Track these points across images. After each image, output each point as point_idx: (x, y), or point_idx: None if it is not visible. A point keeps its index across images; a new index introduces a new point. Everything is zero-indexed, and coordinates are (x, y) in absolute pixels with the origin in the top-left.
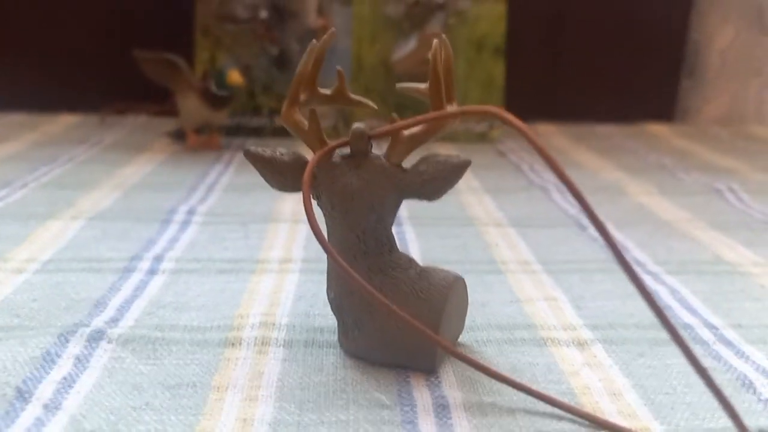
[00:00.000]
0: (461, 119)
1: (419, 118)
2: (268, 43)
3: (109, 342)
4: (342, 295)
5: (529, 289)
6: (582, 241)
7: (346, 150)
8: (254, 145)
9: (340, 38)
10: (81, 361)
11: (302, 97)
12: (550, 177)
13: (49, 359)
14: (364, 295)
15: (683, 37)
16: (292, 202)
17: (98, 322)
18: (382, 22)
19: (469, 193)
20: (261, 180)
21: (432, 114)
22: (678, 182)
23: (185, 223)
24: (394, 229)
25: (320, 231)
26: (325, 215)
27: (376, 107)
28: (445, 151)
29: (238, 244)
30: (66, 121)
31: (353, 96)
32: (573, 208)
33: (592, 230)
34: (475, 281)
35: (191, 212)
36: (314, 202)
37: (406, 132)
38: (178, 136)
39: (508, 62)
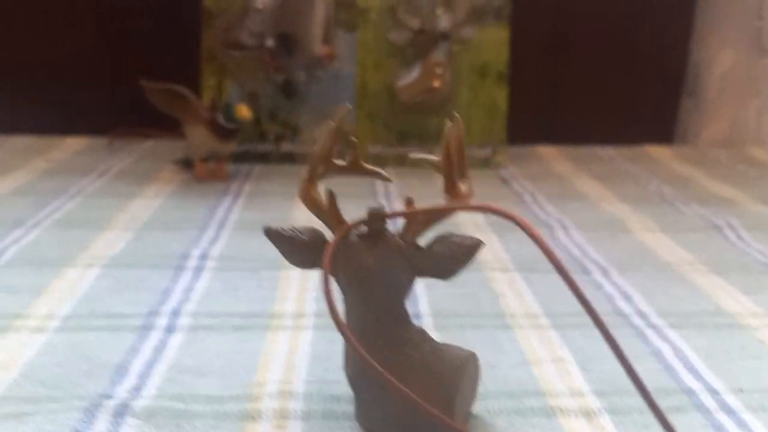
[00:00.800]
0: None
1: (435, 208)
2: (274, 71)
3: (133, 417)
4: (360, 374)
5: (537, 347)
6: (586, 289)
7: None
8: (273, 224)
9: (345, 64)
10: None
11: (319, 170)
12: (552, 211)
13: None
14: (377, 369)
15: (683, 60)
16: None
17: (121, 391)
18: (386, 49)
19: (475, 230)
20: (271, 217)
21: (446, 206)
22: (678, 216)
23: (198, 270)
24: None
25: (339, 317)
26: (342, 291)
27: (391, 180)
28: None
29: (251, 294)
30: (73, 145)
31: (368, 166)
32: (576, 249)
33: (595, 275)
34: (485, 338)
35: (204, 257)
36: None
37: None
38: (186, 164)
39: (511, 86)
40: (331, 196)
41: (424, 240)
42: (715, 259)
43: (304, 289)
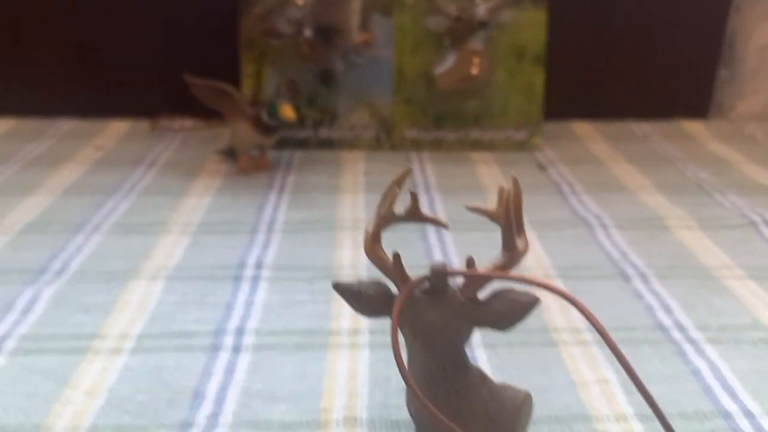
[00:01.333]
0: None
1: (493, 272)
2: (312, 62)
3: None
4: (423, 413)
5: (583, 367)
6: (627, 300)
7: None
8: (342, 281)
9: (382, 49)
10: None
11: (383, 226)
12: (591, 205)
13: None
14: (445, 415)
15: (721, 32)
16: (349, 251)
17: (200, 418)
18: (423, 34)
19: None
20: (314, 216)
21: (505, 274)
22: (716, 209)
23: (255, 281)
24: None
25: (406, 371)
26: (406, 342)
27: (448, 227)
28: (484, 160)
29: (308, 309)
30: (117, 129)
31: (426, 215)
32: (616, 251)
33: (635, 282)
34: (532, 359)
35: (258, 266)
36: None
37: (483, 271)
38: (229, 154)
39: (547, 63)
40: (397, 256)
41: (483, 294)
42: (752, 262)
43: None
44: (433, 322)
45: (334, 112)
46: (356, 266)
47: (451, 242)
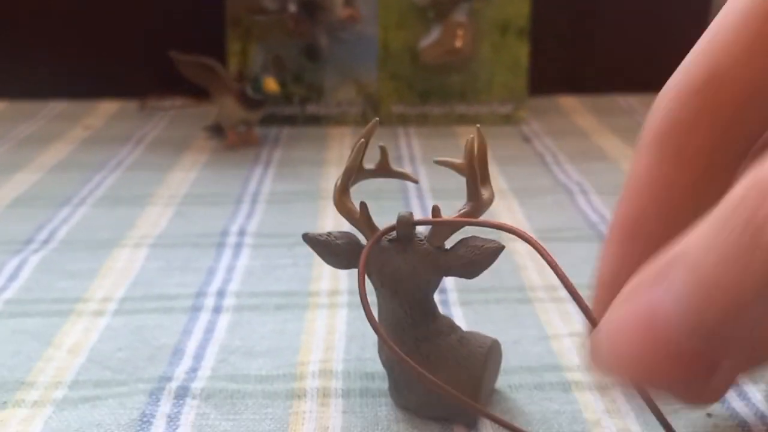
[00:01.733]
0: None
1: (458, 220)
2: (297, 37)
3: (193, 398)
4: (394, 360)
5: (557, 322)
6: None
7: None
8: (310, 232)
9: (367, 25)
10: (173, 420)
11: (351, 179)
12: (573, 173)
13: (146, 421)
14: (414, 361)
15: (707, 5)
16: (332, 220)
17: (179, 373)
18: (407, 8)
19: (499, 197)
20: (299, 188)
21: (467, 220)
22: None
23: (238, 247)
24: None
25: (372, 316)
26: (375, 290)
27: (417, 181)
28: (469, 133)
29: (289, 272)
30: (106, 109)
31: (396, 169)
32: (595, 215)
33: None
34: (508, 313)
35: (242, 233)
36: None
37: (447, 218)
38: (216, 130)
39: (532, 38)
40: (363, 206)
41: (449, 242)
42: None
43: None
44: (400, 269)
45: (321, 89)
46: None
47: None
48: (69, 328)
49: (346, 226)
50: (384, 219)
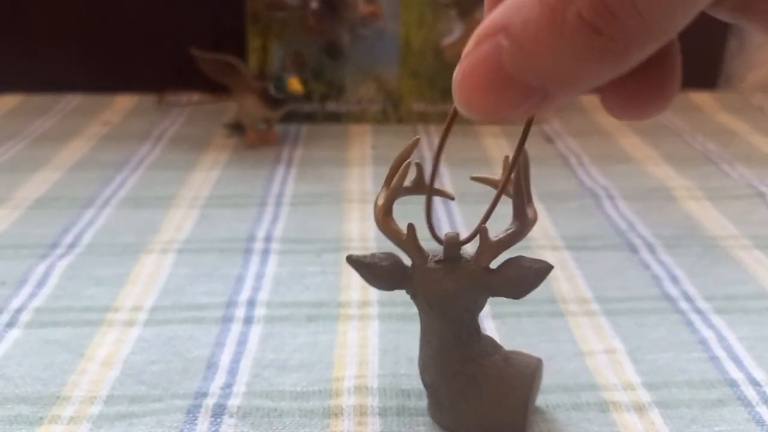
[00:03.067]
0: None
1: (506, 238)
2: (318, 34)
3: (230, 416)
4: (439, 380)
5: (590, 337)
6: (634, 269)
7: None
8: (354, 254)
9: (389, 22)
10: None
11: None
12: (598, 176)
13: None
14: (460, 382)
15: None
16: (357, 224)
17: (215, 388)
18: (429, 5)
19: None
20: (322, 190)
21: (517, 236)
22: (723, 179)
23: (265, 253)
24: None
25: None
26: (421, 314)
27: (454, 198)
28: (491, 132)
29: (318, 281)
30: (124, 103)
31: (434, 187)
32: (623, 222)
33: (642, 253)
34: (540, 328)
35: (268, 239)
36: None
37: (492, 239)
38: (237, 127)
39: None
40: (411, 228)
41: (496, 262)
42: (758, 231)
43: None
44: (448, 290)
45: (341, 86)
46: (365, 238)
47: (459, 214)
48: (101, 338)
49: (372, 231)
50: (406, 221)
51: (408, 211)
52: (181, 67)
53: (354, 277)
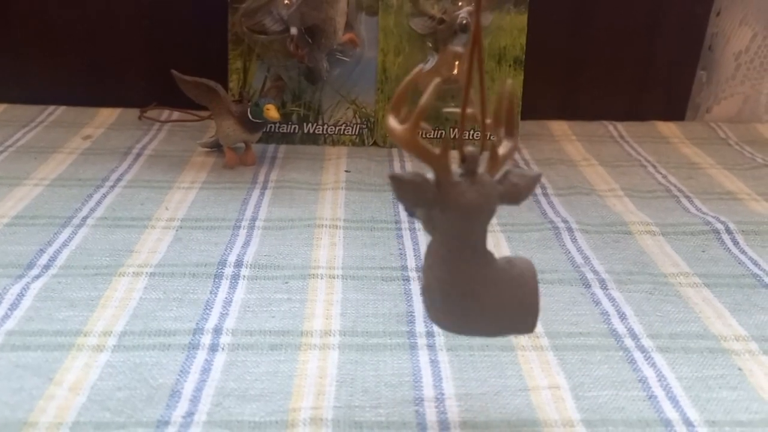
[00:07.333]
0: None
1: (509, 151)
2: (298, 61)
3: None
4: (450, 283)
5: (537, 372)
6: (586, 304)
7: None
8: (397, 171)
9: (367, 48)
10: None
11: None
12: (560, 208)
13: None
14: (477, 282)
15: (701, 36)
16: (326, 250)
17: (177, 417)
18: (407, 35)
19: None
20: (296, 214)
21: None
22: (680, 215)
23: (234, 279)
24: None
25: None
26: (437, 229)
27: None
28: None
29: (283, 308)
30: (105, 117)
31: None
32: (579, 256)
33: (594, 288)
34: (491, 362)
35: (239, 264)
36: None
37: (501, 152)
38: (215, 146)
39: (526, 66)
40: (447, 143)
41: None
42: (709, 270)
43: (330, 303)
44: (476, 200)
45: (319, 109)
46: (332, 266)
47: (423, 242)
48: (70, 363)
49: (339, 258)
50: (376, 247)
51: (377, 237)
52: (164, 85)
53: (318, 305)
